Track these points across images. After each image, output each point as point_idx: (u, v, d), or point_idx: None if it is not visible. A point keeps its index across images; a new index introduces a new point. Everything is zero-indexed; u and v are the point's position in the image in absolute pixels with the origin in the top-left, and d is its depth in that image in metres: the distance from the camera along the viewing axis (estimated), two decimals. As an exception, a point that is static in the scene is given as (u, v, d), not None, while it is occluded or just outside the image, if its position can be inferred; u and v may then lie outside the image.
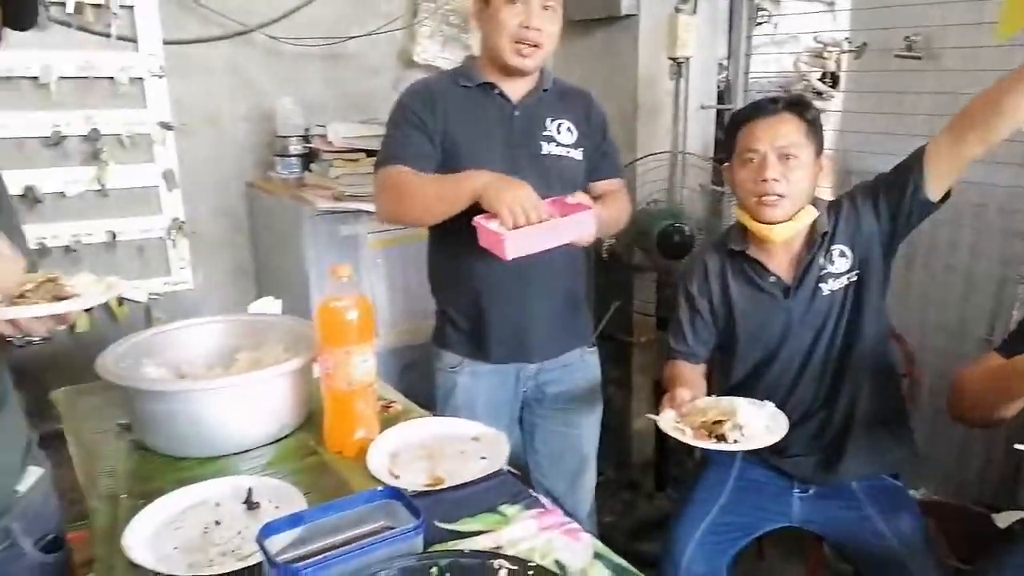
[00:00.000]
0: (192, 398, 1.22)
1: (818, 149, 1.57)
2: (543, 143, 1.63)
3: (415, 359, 2.21)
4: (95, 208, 2.30)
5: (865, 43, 2.23)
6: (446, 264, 1.72)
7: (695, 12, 2.31)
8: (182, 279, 2.47)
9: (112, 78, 2.23)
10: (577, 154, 1.66)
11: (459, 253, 1.64)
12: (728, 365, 1.70)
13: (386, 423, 1.32)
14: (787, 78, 2.43)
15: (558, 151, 1.64)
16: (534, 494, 1.14)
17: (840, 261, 1.58)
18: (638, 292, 2.61)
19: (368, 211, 2.17)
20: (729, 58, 2.54)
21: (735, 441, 1.34)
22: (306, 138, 2.46)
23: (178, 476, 1.19)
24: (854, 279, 1.58)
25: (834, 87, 2.32)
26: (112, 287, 1.05)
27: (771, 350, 1.63)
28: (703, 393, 1.57)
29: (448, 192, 1.50)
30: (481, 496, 1.12)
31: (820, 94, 2.28)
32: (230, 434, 1.25)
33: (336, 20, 2.58)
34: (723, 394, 1.57)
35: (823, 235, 1.57)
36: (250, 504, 1.08)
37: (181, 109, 2.37)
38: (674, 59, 2.28)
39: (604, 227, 1.62)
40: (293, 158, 2.46)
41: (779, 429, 1.37)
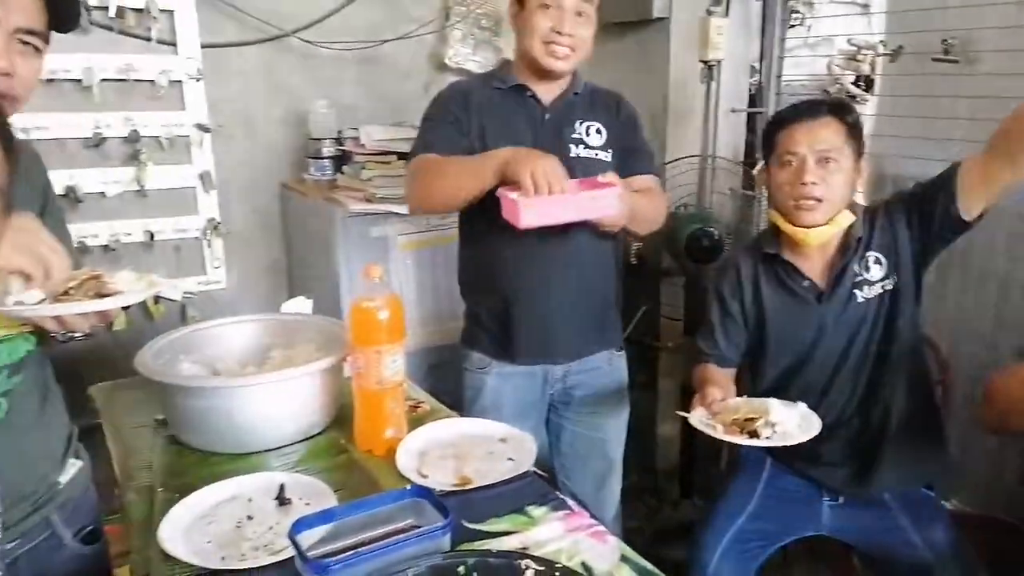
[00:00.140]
0: (226, 395, 1.25)
1: (858, 153, 1.55)
2: (572, 146, 1.63)
3: (442, 360, 2.23)
4: (134, 208, 2.35)
5: (901, 46, 2.19)
6: (476, 265, 1.74)
7: (727, 14, 2.29)
8: (216, 278, 2.51)
9: (152, 81, 2.28)
10: (606, 155, 1.66)
11: (489, 253, 1.66)
12: (758, 370, 1.69)
13: (414, 423, 1.33)
14: (820, 81, 2.39)
15: (587, 153, 1.64)
16: (561, 496, 1.14)
17: (875, 268, 1.56)
18: (666, 296, 2.59)
19: (399, 213, 2.19)
20: (761, 61, 2.51)
21: (767, 438, 1.31)
22: (339, 140, 2.50)
23: (212, 471, 1.21)
24: (889, 287, 1.55)
25: (868, 91, 2.29)
26: (154, 284, 1.06)
27: (802, 355, 1.61)
28: (733, 396, 1.55)
29: (475, 166, 1.51)
30: (508, 497, 1.12)
31: (854, 98, 2.25)
32: (263, 431, 1.27)
33: (369, 24, 2.62)
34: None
35: (858, 240, 1.55)
36: (282, 500, 1.09)
37: (217, 112, 2.41)
38: (705, 62, 2.27)
39: (636, 216, 1.57)
40: (326, 160, 2.49)
41: (812, 428, 1.35)
